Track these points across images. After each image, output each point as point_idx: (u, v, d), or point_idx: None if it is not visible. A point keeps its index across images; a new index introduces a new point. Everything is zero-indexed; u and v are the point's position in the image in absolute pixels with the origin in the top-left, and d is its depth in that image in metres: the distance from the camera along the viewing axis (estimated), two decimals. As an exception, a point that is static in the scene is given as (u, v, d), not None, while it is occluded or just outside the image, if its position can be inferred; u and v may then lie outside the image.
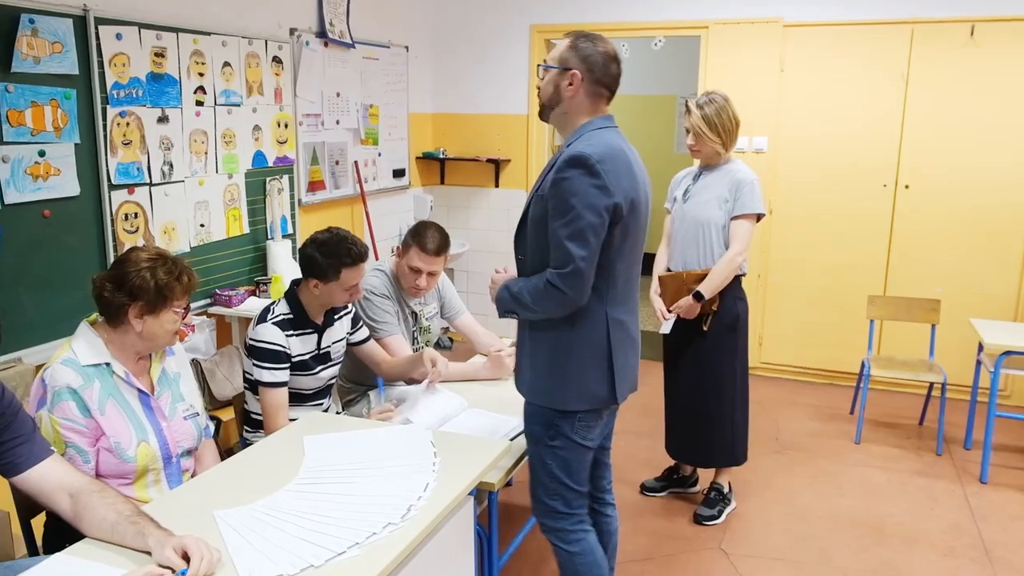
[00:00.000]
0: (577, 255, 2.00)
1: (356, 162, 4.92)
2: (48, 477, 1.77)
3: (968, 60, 4.54)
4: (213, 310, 3.79)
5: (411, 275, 3.04)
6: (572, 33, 2.18)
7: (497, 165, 5.70)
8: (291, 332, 2.65)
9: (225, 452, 2.54)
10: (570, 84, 2.12)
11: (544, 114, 2.23)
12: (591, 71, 2.12)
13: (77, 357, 2.00)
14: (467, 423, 2.63)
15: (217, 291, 3.80)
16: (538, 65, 2.23)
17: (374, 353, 2.99)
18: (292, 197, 4.35)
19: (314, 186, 4.57)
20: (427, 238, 3.00)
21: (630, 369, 2.25)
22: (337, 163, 4.75)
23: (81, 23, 3.05)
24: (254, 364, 2.60)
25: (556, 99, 2.17)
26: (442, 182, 5.90)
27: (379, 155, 5.19)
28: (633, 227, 2.13)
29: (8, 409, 1.80)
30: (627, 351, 2.22)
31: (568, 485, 2.25)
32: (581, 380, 2.16)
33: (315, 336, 2.73)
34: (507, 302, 2.18)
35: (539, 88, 2.22)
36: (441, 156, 5.75)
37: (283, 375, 2.61)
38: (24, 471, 1.77)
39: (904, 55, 4.66)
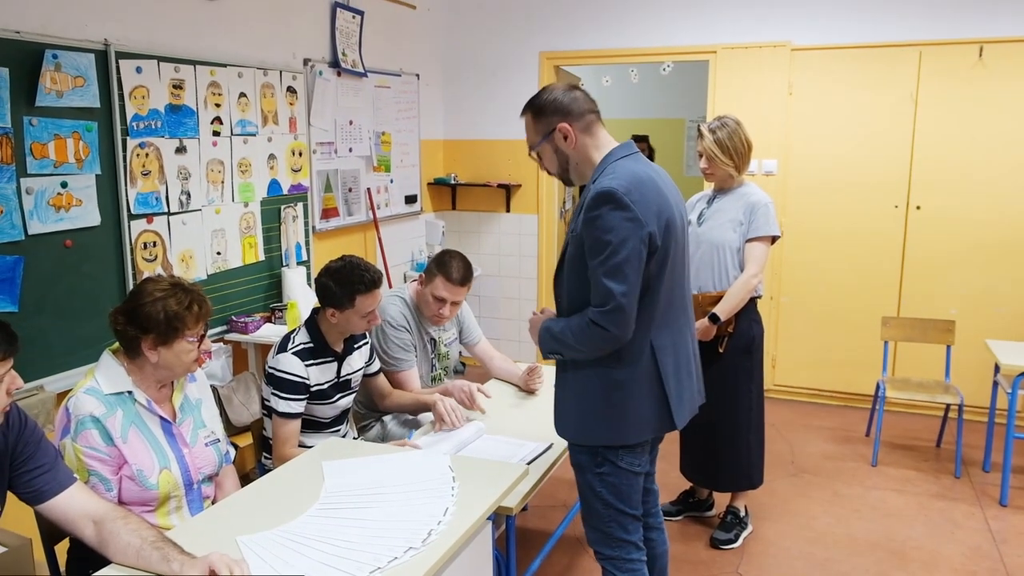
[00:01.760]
0: (617, 291, 1.97)
1: (369, 189, 4.97)
2: (73, 504, 1.79)
3: (977, 81, 4.57)
4: (229, 337, 3.82)
5: (434, 304, 3.05)
6: (526, 106, 2.18)
7: (508, 190, 5.75)
8: (311, 362, 2.67)
9: (241, 478, 2.55)
10: (566, 138, 2.12)
11: (566, 179, 2.22)
12: (569, 113, 2.11)
13: (100, 386, 2.03)
14: (484, 448, 2.64)
15: (233, 318, 3.84)
16: (529, 154, 2.23)
17: (382, 386, 3.02)
18: (306, 224, 4.40)
19: (328, 213, 4.61)
20: (452, 268, 3.01)
21: (686, 391, 2.21)
22: (350, 190, 4.81)
23: (102, 57, 3.12)
24: (272, 392, 2.62)
25: (565, 159, 2.17)
26: (454, 207, 5.95)
27: (391, 182, 5.24)
28: (672, 248, 2.10)
29: (31, 438, 1.82)
30: (680, 374, 2.18)
31: (622, 510, 2.20)
32: (637, 412, 2.11)
33: (335, 364, 2.75)
34: (550, 343, 2.14)
35: (546, 169, 2.22)
36: (452, 182, 5.80)
37: (298, 407, 2.63)
38: (50, 499, 1.79)
39: (912, 77, 4.69)
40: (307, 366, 2.65)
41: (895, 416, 4.84)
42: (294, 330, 2.76)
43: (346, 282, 2.63)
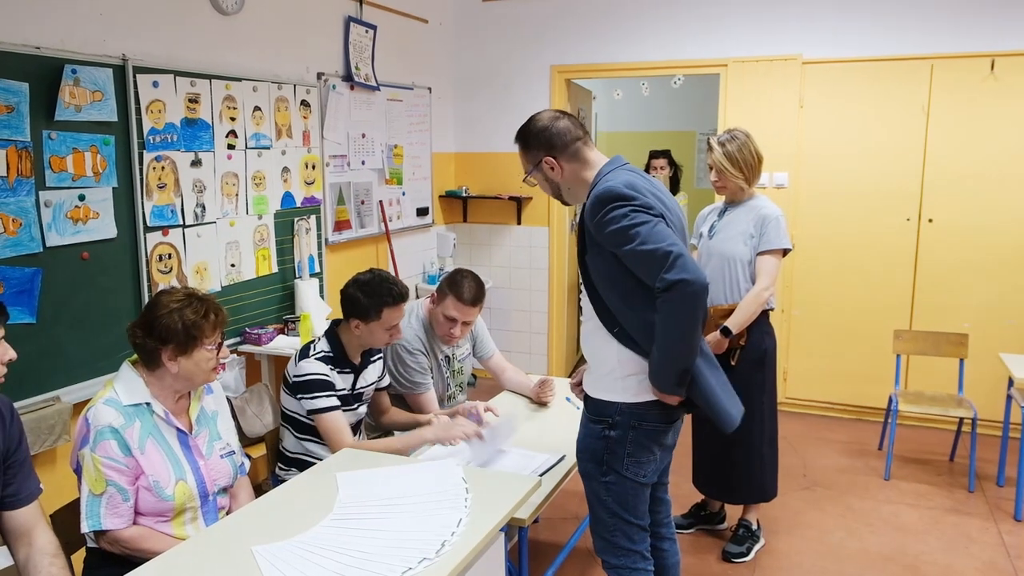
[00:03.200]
0: (665, 245, 1.97)
1: (381, 201, 5.00)
2: (36, 518, 1.80)
3: (989, 94, 4.56)
4: (243, 348, 3.85)
5: (446, 323, 3.06)
6: (517, 135, 2.25)
7: (519, 203, 5.77)
8: (331, 369, 2.70)
9: (254, 489, 2.56)
10: (552, 168, 2.20)
11: (562, 200, 2.30)
12: (552, 147, 2.18)
13: (119, 397, 2.05)
14: (496, 461, 2.64)
15: (247, 329, 3.86)
16: (524, 180, 2.32)
17: (382, 402, 3.06)
18: (319, 236, 4.43)
19: (340, 225, 4.64)
20: (464, 288, 3.01)
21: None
22: (363, 203, 4.84)
23: (120, 72, 3.16)
24: (303, 397, 2.64)
25: (556, 185, 2.24)
26: (465, 220, 5.98)
27: (403, 194, 5.28)
28: None
29: (22, 436, 1.84)
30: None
31: (626, 519, 2.24)
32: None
33: (351, 376, 2.78)
34: (664, 374, 2.07)
35: (544, 190, 2.31)
36: (464, 194, 5.83)
37: (334, 400, 2.67)
38: (26, 505, 1.81)
39: (924, 90, 4.69)
40: (329, 370, 2.68)
41: (908, 430, 4.81)
42: (313, 341, 2.78)
43: (375, 294, 2.66)
